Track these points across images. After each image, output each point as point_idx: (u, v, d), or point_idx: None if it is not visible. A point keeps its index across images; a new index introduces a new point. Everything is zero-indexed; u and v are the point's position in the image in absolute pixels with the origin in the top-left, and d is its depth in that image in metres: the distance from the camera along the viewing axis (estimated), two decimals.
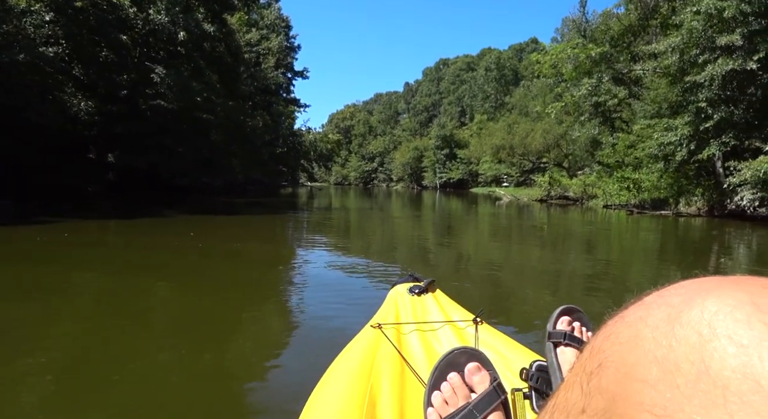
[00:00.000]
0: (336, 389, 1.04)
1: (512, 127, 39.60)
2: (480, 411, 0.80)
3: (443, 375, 0.88)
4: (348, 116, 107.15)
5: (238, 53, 29.13)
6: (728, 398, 0.23)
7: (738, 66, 10.52)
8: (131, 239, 7.46)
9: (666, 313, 0.28)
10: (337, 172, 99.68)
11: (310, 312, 3.58)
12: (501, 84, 68.97)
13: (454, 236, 9.97)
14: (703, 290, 0.28)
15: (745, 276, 0.29)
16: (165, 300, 3.96)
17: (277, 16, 46.59)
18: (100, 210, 12.40)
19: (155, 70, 18.81)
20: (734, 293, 0.26)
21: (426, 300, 1.42)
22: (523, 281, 5.22)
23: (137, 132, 18.63)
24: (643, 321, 0.29)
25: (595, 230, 11.78)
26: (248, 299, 3.94)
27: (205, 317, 3.41)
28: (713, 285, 0.28)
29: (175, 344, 2.85)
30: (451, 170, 65.99)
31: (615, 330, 0.30)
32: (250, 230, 9.41)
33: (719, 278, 0.29)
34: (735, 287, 0.27)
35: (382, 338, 1.20)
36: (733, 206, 12.07)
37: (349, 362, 1.14)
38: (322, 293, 4.18)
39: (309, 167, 50.78)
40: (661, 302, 0.29)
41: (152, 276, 4.70)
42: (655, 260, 7.15)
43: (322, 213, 15.56)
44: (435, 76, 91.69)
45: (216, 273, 4.87)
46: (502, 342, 1.22)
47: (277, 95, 42.23)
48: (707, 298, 0.27)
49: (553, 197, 24.73)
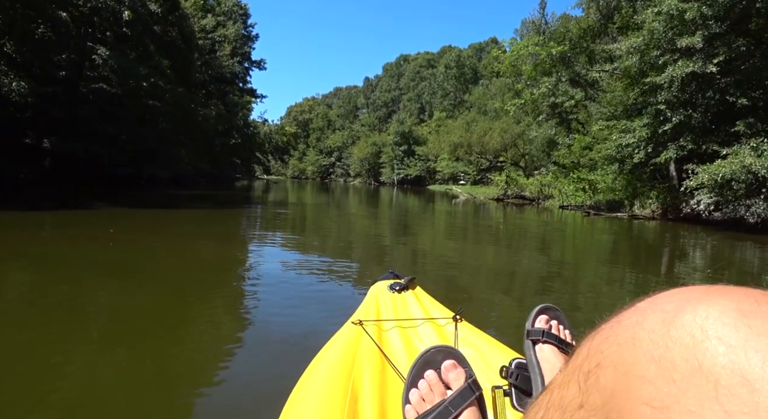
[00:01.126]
0: (318, 384, 1.04)
1: (470, 125, 39.62)
2: (455, 407, 0.82)
3: (421, 373, 0.91)
4: (307, 109, 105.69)
5: (191, 39, 27.96)
6: (719, 391, 0.26)
7: (698, 69, 10.47)
8: (37, 233, 6.66)
9: (661, 318, 0.31)
10: (294, 166, 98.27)
11: (262, 312, 3.35)
12: (460, 82, 69.20)
13: (410, 235, 9.57)
14: (694, 298, 0.31)
15: (730, 286, 0.32)
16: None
17: (234, 3, 45.20)
18: (24, 200, 11.34)
19: (97, 51, 17.63)
20: (721, 300, 0.30)
21: (407, 297, 1.43)
22: (478, 280, 5.12)
23: (76, 116, 17.43)
24: (639, 324, 0.32)
25: (551, 230, 11.58)
26: (174, 302, 3.35)
27: (139, 319, 3.06)
28: (702, 294, 0.31)
29: (114, 349, 2.53)
30: (409, 166, 65.89)
31: (612, 333, 0.33)
32: (187, 225, 8.68)
33: (707, 288, 0.32)
34: (722, 296, 0.30)
35: (363, 334, 1.21)
36: (688, 210, 12.06)
37: (331, 358, 1.14)
38: (275, 294, 3.88)
39: (264, 159, 49.58)
40: (656, 308, 0.32)
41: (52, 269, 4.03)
42: (609, 262, 6.99)
43: (276, 208, 14.85)
44: (395, 72, 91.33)
45: (132, 270, 4.23)
46: (482, 340, 1.23)
47: (233, 85, 40.94)
48: (698, 305, 0.30)
49: (510, 197, 24.66)
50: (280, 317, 3.18)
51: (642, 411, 0.29)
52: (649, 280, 5.20)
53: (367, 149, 75.09)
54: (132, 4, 17.31)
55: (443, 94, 70.88)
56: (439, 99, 71.06)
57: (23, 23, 16.04)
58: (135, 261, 4.80)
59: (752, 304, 0.29)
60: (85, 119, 17.66)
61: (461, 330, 1.26)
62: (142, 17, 19.62)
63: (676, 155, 11.84)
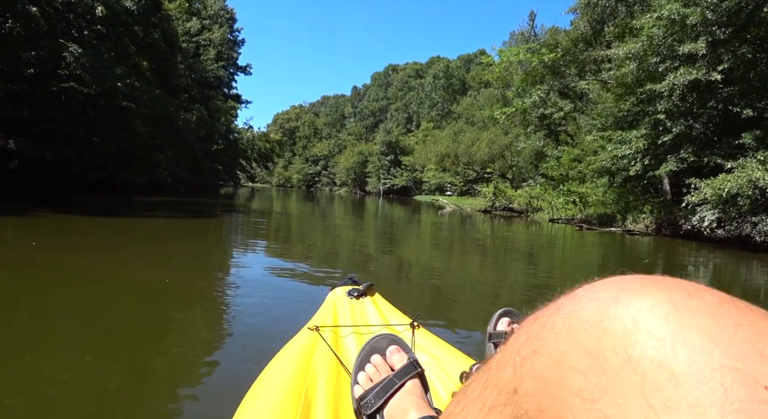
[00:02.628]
0: (270, 391, 1.04)
1: (458, 135, 39.08)
2: (399, 379, 0.89)
3: (367, 358, 0.98)
4: (293, 116, 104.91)
5: (174, 41, 27.13)
6: (645, 384, 0.26)
7: (702, 76, 9.90)
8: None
9: (596, 307, 0.31)
10: (280, 174, 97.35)
11: (241, 317, 3.26)
12: (448, 93, 68.93)
13: (395, 245, 8.93)
14: (630, 288, 0.31)
15: (665, 277, 0.32)
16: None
17: (221, 7, 44.44)
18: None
19: (69, 49, 16.75)
20: (655, 292, 0.30)
21: (365, 304, 1.41)
22: (462, 291, 5.02)
23: (45, 117, 16.49)
24: (575, 313, 0.32)
25: (541, 244, 10.92)
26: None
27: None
28: (637, 284, 0.31)
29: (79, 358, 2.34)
30: (395, 176, 65.36)
31: (551, 320, 0.34)
32: (137, 238, 7.85)
33: (643, 278, 0.32)
34: (656, 287, 0.31)
35: (319, 340, 1.20)
36: (688, 227, 11.44)
37: (285, 364, 1.13)
38: (254, 297, 3.80)
39: (248, 166, 48.57)
40: (592, 296, 0.32)
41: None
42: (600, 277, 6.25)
43: (257, 217, 13.99)
44: (383, 81, 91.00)
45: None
46: (438, 346, 1.24)
47: (217, 90, 40.05)
48: (632, 296, 0.30)
49: (498, 209, 24.00)
50: (254, 323, 3.08)
51: (573, 402, 0.29)
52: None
53: (353, 158, 74.52)
54: (106, 0, 16.43)
55: (431, 105, 70.55)
56: (427, 109, 70.71)
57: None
58: (32, 290, 3.96)
59: (684, 297, 0.29)
60: (54, 119, 16.74)
61: (418, 336, 1.26)
62: (118, 15, 18.81)
63: (677, 168, 11.24)
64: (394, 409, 0.86)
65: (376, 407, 0.87)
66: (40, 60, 16.75)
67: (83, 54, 16.85)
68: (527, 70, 16.20)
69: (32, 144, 16.44)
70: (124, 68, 18.94)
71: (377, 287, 1.50)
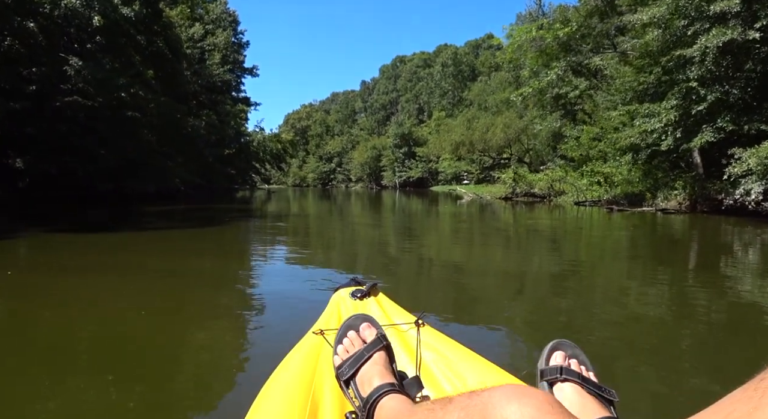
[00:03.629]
0: (277, 396, 1.03)
1: (471, 122, 38.16)
2: (368, 351, 1.00)
3: (345, 333, 1.09)
4: (304, 116, 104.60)
5: (178, 48, 26.73)
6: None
7: (738, 36, 9.07)
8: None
9: (492, 406, 0.52)
10: (295, 174, 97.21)
11: (254, 324, 3.17)
12: (458, 80, 67.83)
13: (413, 241, 8.36)
14: (513, 395, 0.51)
15: (533, 389, 0.52)
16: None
17: (222, 11, 44.01)
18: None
19: (69, 62, 16.40)
20: (529, 400, 0.50)
21: (368, 304, 1.41)
22: (484, 288, 4.52)
23: (50, 133, 16.20)
24: (484, 406, 0.53)
25: (567, 230, 10.19)
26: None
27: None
28: (520, 393, 0.51)
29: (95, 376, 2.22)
30: (410, 168, 64.68)
31: (470, 413, 0.55)
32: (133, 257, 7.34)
33: (525, 389, 0.53)
34: (527, 397, 0.50)
35: (324, 344, 1.19)
36: (730, 201, 10.59)
37: (291, 370, 1.13)
38: (267, 303, 3.72)
39: (262, 168, 48.22)
40: (489, 399, 0.53)
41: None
42: (660, 266, 5.48)
43: (274, 220, 13.47)
44: (392, 74, 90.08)
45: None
46: (444, 344, 1.21)
47: (225, 94, 39.69)
48: (512, 403, 0.50)
49: (519, 195, 23.11)
50: (267, 331, 2.96)
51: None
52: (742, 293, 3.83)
53: (367, 153, 73.95)
54: (102, 10, 16.00)
55: (441, 93, 69.56)
56: (438, 98, 69.75)
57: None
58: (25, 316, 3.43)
59: (545, 405, 0.49)
60: (59, 134, 16.44)
61: (424, 334, 1.23)
62: (119, 24, 18.43)
63: (714, 139, 10.38)
64: (362, 377, 0.96)
65: (348, 375, 0.98)
66: (41, 76, 16.44)
67: (84, 66, 16.50)
68: (541, 48, 15.34)
69: (38, 160, 16.18)
70: (127, 78, 18.58)
71: (386, 287, 1.47)
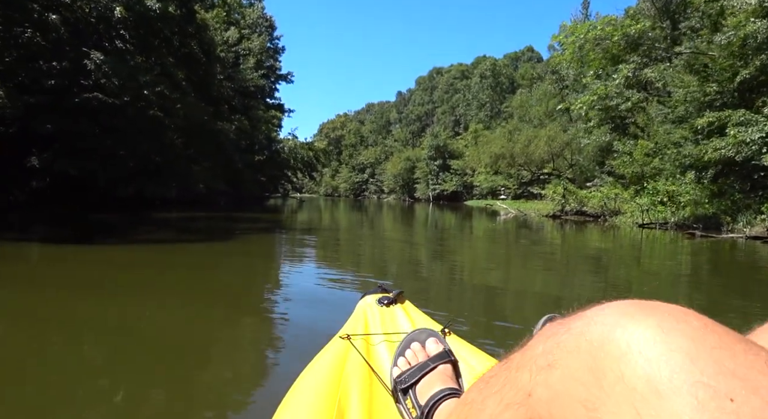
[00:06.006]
0: (303, 402, 1.03)
1: (513, 134, 36.32)
2: (434, 362, 0.96)
3: (408, 346, 1.05)
4: (339, 125, 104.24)
5: (211, 51, 25.91)
6: (635, 397, 0.33)
7: None
8: None
9: (599, 331, 0.38)
10: (327, 183, 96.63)
11: (277, 330, 3.11)
12: (497, 92, 66.08)
13: (447, 260, 6.71)
14: (627, 313, 0.38)
15: (658, 303, 0.39)
16: None
17: (259, 15, 43.50)
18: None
19: (90, 56, 15.46)
20: (647, 318, 0.37)
21: (395, 311, 1.39)
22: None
23: (68, 130, 15.24)
24: (583, 335, 0.39)
25: (659, 268, 8.43)
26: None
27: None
28: (634, 310, 0.38)
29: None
30: (444, 181, 63.03)
31: (564, 339, 0.40)
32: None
33: (639, 304, 0.39)
34: (649, 313, 0.37)
35: (351, 349, 1.18)
36: None
37: (317, 374, 1.11)
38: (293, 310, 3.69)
39: (294, 176, 47.23)
40: (597, 320, 0.39)
41: None
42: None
43: (303, 234, 12.13)
44: (428, 85, 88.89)
45: None
46: (471, 353, 1.20)
47: (258, 99, 38.90)
48: (629, 321, 0.37)
49: (568, 213, 21.14)
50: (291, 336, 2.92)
51: (577, 410, 0.36)
52: None
53: (400, 165, 72.65)
54: (125, 0, 15.05)
55: (479, 106, 67.85)
56: (475, 110, 68.05)
57: (6, 26, 14.05)
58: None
59: (671, 322, 0.36)
60: (78, 132, 15.49)
61: (451, 343, 1.18)
62: (146, 20, 17.53)
63: None
64: (424, 386, 0.92)
65: (410, 383, 0.95)
66: (61, 70, 15.57)
67: (105, 61, 15.53)
68: (605, 48, 13.66)
69: (56, 159, 15.24)
70: (151, 76, 17.60)
71: (413, 297, 1.46)
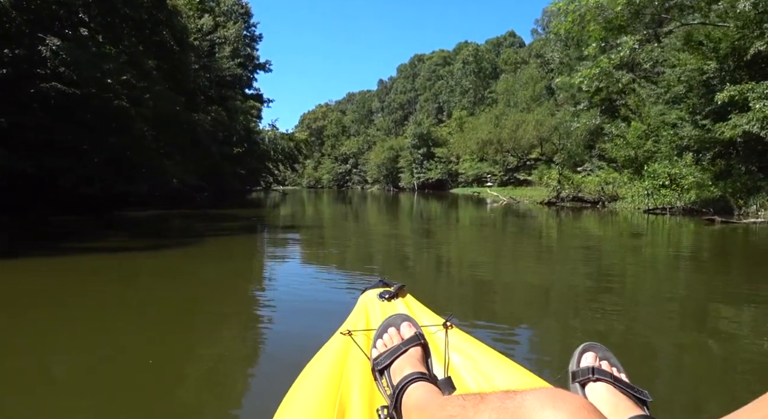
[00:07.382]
0: (305, 397, 1.03)
1: (500, 119, 35.36)
2: (405, 345, 1.03)
3: (385, 330, 1.11)
4: (320, 116, 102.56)
5: (183, 38, 24.52)
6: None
7: None
8: None
9: (524, 411, 0.49)
10: (310, 174, 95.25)
11: (274, 326, 3.21)
12: (480, 78, 65.10)
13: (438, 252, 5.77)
14: (547, 399, 0.49)
15: (568, 394, 0.50)
16: None
17: (234, 2, 41.93)
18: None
19: (46, 42, 14.13)
20: (563, 404, 0.47)
21: (396, 306, 1.38)
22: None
23: (23, 124, 13.92)
24: (514, 412, 0.50)
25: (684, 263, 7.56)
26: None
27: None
28: (554, 398, 0.49)
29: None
30: (429, 170, 62.10)
31: (501, 412, 0.52)
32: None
33: (559, 393, 0.50)
34: (562, 401, 0.48)
35: (352, 345, 1.19)
36: None
37: (319, 370, 1.12)
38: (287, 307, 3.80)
39: (275, 169, 45.89)
40: (525, 403, 0.50)
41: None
42: None
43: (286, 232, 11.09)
44: (410, 73, 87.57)
45: None
46: (473, 346, 1.21)
47: (235, 89, 37.47)
48: (544, 408, 0.48)
49: (564, 199, 20.14)
50: (289, 334, 3.00)
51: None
52: None
53: (383, 154, 71.58)
54: None
55: (462, 92, 66.91)
56: (458, 97, 67.09)
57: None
58: None
59: (581, 410, 0.47)
60: (36, 126, 14.16)
61: (452, 337, 1.22)
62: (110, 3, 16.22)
63: None
64: (396, 367, 1.00)
65: (384, 365, 1.02)
66: (14, 58, 14.21)
67: (62, 47, 14.20)
68: (608, 18, 12.76)
69: (10, 156, 13.91)
70: (116, 64, 16.29)
71: (414, 291, 1.46)
